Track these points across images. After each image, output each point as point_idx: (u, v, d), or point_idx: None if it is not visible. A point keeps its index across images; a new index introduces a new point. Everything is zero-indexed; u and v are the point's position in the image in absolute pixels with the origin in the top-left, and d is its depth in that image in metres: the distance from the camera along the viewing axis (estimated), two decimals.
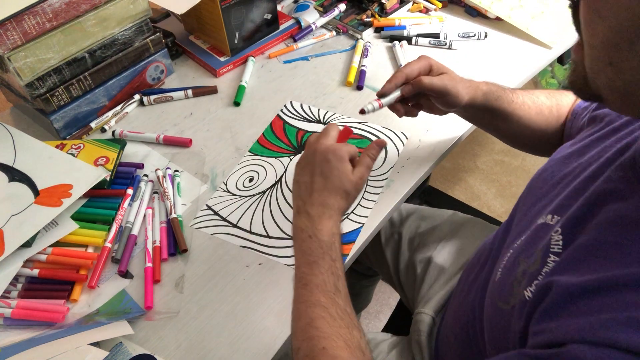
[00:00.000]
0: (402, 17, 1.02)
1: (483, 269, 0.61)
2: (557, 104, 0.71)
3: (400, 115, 0.68)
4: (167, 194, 0.72)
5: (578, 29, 0.40)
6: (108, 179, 0.73)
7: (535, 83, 1.90)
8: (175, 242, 0.68)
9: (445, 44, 0.96)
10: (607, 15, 0.34)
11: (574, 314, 0.36)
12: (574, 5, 0.39)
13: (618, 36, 0.34)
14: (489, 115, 0.70)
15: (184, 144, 0.81)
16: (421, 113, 0.74)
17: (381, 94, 0.65)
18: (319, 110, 0.86)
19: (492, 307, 0.49)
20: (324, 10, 1.04)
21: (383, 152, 0.78)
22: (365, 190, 0.73)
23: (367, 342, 0.48)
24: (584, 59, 0.39)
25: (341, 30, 1.03)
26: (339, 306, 0.49)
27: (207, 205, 0.73)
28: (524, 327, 0.41)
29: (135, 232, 0.69)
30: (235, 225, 0.70)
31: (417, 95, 0.67)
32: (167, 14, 1.06)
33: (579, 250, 0.40)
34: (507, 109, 0.69)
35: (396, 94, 0.65)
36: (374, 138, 0.80)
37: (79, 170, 0.72)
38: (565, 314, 0.37)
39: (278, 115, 0.86)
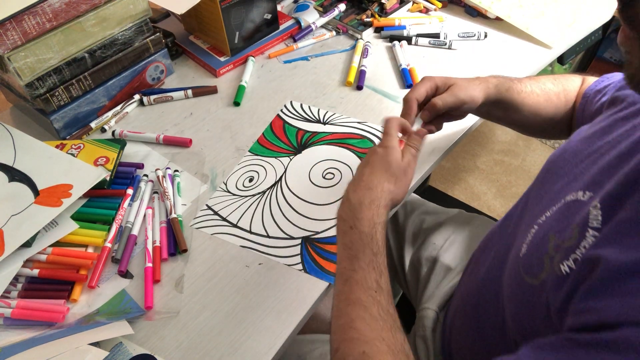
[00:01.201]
0: (402, 17, 1.02)
1: (492, 250, 0.61)
2: (563, 89, 0.72)
3: (434, 132, 0.68)
4: (167, 194, 0.72)
5: (633, 26, 0.39)
6: (108, 179, 0.73)
7: None
8: (175, 242, 0.68)
9: (445, 44, 0.96)
10: None
11: (627, 293, 0.34)
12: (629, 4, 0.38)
13: None
14: (501, 108, 0.70)
15: (184, 144, 0.81)
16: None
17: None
18: (319, 110, 0.86)
19: (516, 282, 0.48)
20: (324, 10, 1.04)
21: None
22: None
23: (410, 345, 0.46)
24: None
25: (341, 30, 1.03)
26: (381, 305, 0.46)
27: (207, 205, 0.73)
28: (563, 303, 0.40)
29: (135, 232, 0.69)
30: (235, 225, 0.70)
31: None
32: (167, 14, 1.06)
33: (622, 225, 0.39)
34: (517, 99, 0.69)
35: (418, 124, 0.66)
36: (374, 138, 0.80)
37: (79, 170, 0.72)
38: (616, 293, 0.35)
39: (278, 115, 0.86)
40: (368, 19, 1.02)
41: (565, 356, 0.36)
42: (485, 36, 0.97)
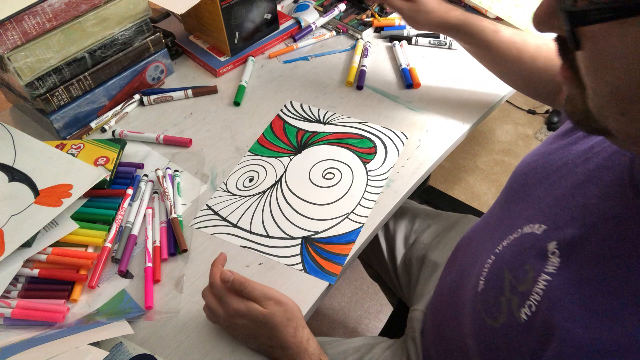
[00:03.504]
0: None
1: (457, 262, 0.61)
2: (545, 44, 0.70)
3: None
4: (167, 194, 0.72)
5: (573, 69, 0.33)
6: (108, 178, 0.73)
7: None
8: (175, 242, 0.68)
9: (445, 44, 0.96)
10: (617, 67, 0.29)
11: None
12: (566, 50, 0.33)
13: (632, 88, 0.29)
14: (468, 36, 0.75)
15: (184, 144, 0.81)
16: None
17: None
18: (319, 110, 0.86)
19: (478, 320, 0.48)
20: (324, 10, 1.04)
21: (383, 152, 0.78)
22: (365, 190, 0.73)
23: None
24: (585, 97, 0.33)
25: (341, 30, 1.03)
26: None
27: (207, 205, 0.73)
28: (529, 354, 0.40)
29: (135, 232, 0.69)
30: (235, 225, 0.70)
31: None
32: (167, 14, 1.06)
33: (581, 283, 0.37)
34: (489, 37, 0.72)
35: None
36: (374, 138, 0.80)
37: (79, 170, 0.72)
38: None
39: (278, 115, 0.86)
40: (368, 19, 1.01)
41: None
42: None
